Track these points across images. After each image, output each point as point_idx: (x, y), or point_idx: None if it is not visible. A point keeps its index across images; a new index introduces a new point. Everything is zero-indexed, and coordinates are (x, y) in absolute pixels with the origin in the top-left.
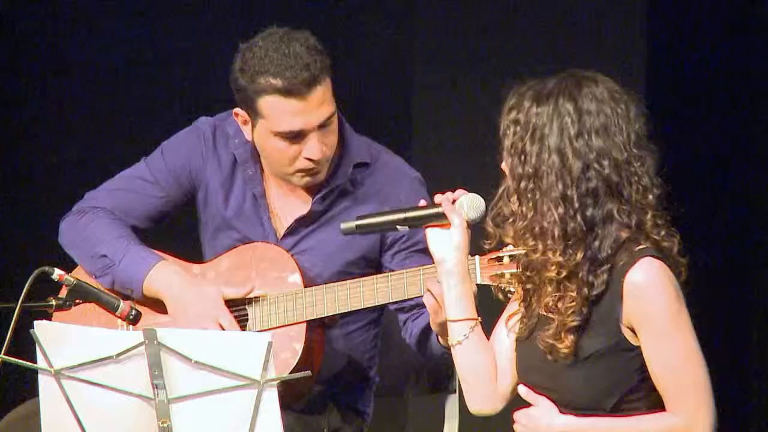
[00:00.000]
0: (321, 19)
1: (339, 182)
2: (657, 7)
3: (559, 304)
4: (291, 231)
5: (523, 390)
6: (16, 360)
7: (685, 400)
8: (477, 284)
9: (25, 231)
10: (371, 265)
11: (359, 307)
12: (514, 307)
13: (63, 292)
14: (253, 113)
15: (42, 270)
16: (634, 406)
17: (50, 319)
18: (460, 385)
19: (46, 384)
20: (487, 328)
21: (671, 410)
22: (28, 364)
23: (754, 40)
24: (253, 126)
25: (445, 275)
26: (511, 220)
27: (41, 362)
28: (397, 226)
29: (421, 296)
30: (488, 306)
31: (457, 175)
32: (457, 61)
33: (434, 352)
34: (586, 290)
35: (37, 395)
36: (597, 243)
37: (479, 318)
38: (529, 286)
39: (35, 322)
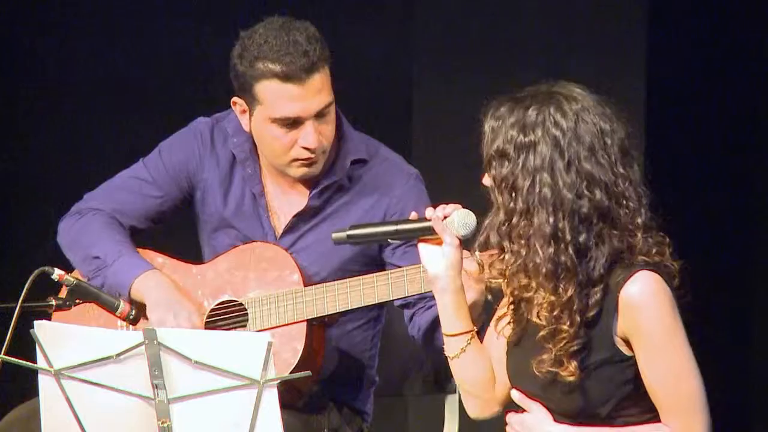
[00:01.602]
0: (321, 18)
1: (336, 178)
2: (657, 7)
3: (555, 336)
4: (289, 228)
5: (516, 395)
6: (16, 360)
7: (679, 412)
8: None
9: (25, 231)
10: (371, 261)
11: (360, 306)
12: (502, 309)
13: (63, 292)
14: (251, 99)
15: (42, 270)
16: (628, 413)
17: (50, 319)
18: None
19: (46, 384)
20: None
21: (665, 421)
22: (28, 364)
23: (755, 39)
24: (251, 114)
25: (439, 293)
26: (500, 256)
27: (41, 362)
28: (389, 239)
29: (422, 293)
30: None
31: (456, 174)
32: (457, 61)
33: (441, 346)
34: (578, 318)
35: (37, 395)
36: (591, 264)
37: (476, 327)
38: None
39: (35, 322)
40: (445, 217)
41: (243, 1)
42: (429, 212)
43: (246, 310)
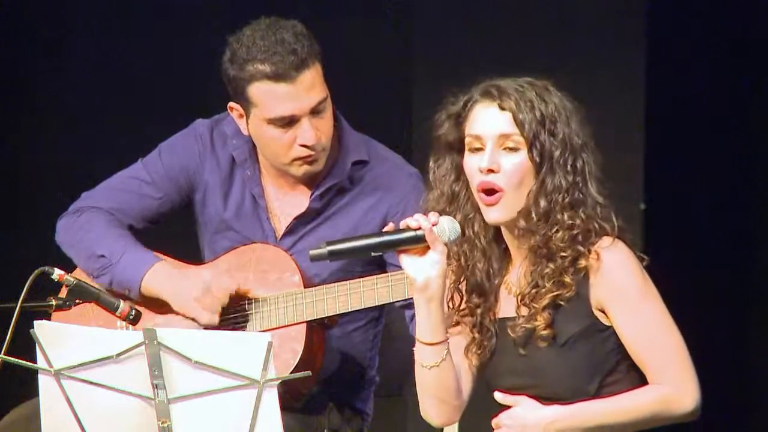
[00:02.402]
0: (320, 19)
1: (337, 180)
2: (657, 7)
3: (539, 280)
4: (290, 230)
5: (499, 395)
6: (16, 360)
7: (668, 367)
8: None
9: (25, 231)
10: (372, 262)
11: (359, 307)
12: (462, 340)
13: (63, 292)
14: (246, 103)
15: (42, 270)
16: (614, 388)
17: (50, 319)
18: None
19: (46, 384)
20: None
21: (655, 381)
22: (28, 364)
23: (755, 39)
24: (248, 117)
25: (426, 301)
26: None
27: (41, 362)
28: (372, 252)
29: None
30: None
31: None
32: (456, 61)
33: None
34: (560, 261)
35: (37, 395)
36: (578, 221)
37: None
38: (478, 309)
39: (35, 322)
40: (433, 225)
41: (243, 2)
42: (414, 221)
43: (246, 310)
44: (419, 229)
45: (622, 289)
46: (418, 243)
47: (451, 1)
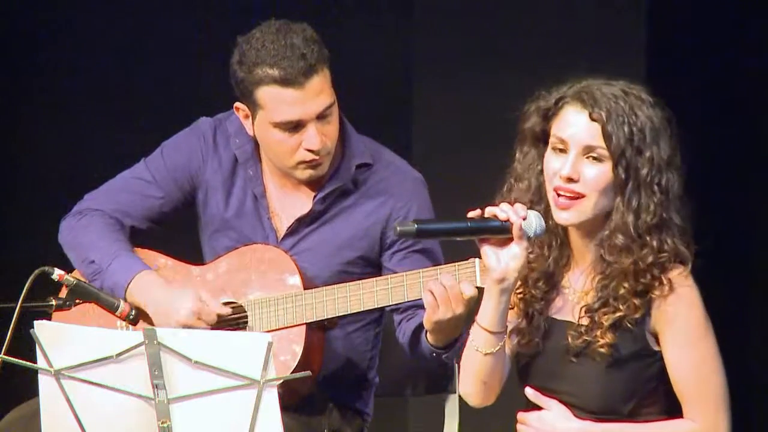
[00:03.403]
0: (320, 19)
1: (340, 182)
2: (657, 7)
3: (611, 300)
4: (291, 231)
5: (530, 392)
6: (16, 360)
7: (705, 407)
8: (477, 287)
9: (25, 231)
10: (370, 264)
11: (359, 310)
12: (512, 324)
13: (63, 292)
14: (252, 105)
15: (42, 270)
16: (649, 411)
17: (50, 319)
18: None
19: (46, 384)
20: None
21: (689, 416)
22: (28, 364)
23: (755, 39)
24: (253, 119)
25: (499, 293)
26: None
27: (41, 362)
28: (457, 237)
29: (415, 300)
30: None
31: (457, 174)
32: (457, 61)
33: (423, 351)
34: (636, 284)
35: (37, 395)
36: (666, 246)
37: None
38: (539, 300)
39: (35, 322)
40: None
41: (243, 2)
42: (503, 213)
43: (246, 312)
44: (507, 220)
45: (683, 322)
46: (504, 234)
47: (451, 1)
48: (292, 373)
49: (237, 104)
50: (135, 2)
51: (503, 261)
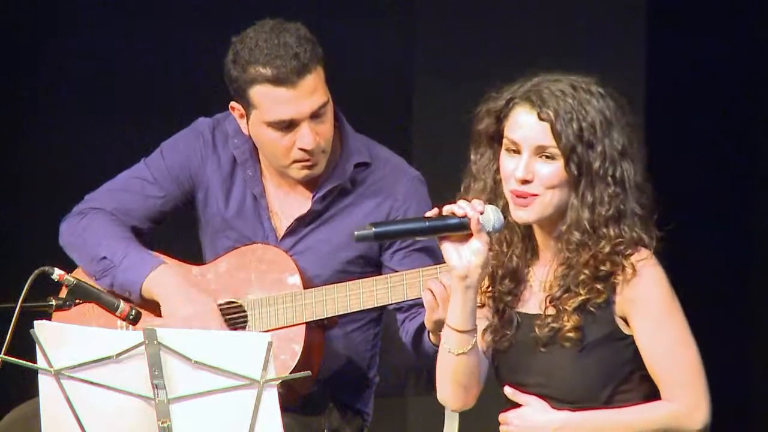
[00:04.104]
0: (321, 20)
1: (339, 182)
2: (656, 7)
3: (572, 286)
4: (291, 231)
5: (509, 391)
6: (16, 360)
7: (682, 385)
8: None
9: (25, 231)
10: (370, 264)
11: (358, 309)
12: (483, 323)
13: (63, 292)
14: (246, 104)
15: (42, 270)
16: (626, 397)
17: (50, 319)
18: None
19: (46, 384)
20: None
21: (668, 397)
22: (28, 364)
23: (755, 39)
24: (248, 118)
25: (464, 290)
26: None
27: (41, 362)
28: (416, 237)
29: (417, 299)
30: None
31: (457, 174)
32: (457, 61)
33: (426, 350)
34: (597, 271)
35: (37, 395)
36: (623, 234)
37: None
38: (507, 296)
39: (35, 322)
40: (480, 214)
41: (243, 2)
42: (460, 209)
43: (246, 311)
44: (464, 216)
45: (649, 302)
46: (463, 230)
47: (451, 1)
48: (291, 372)
49: (232, 104)
50: (135, 2)
51: (465, 257)
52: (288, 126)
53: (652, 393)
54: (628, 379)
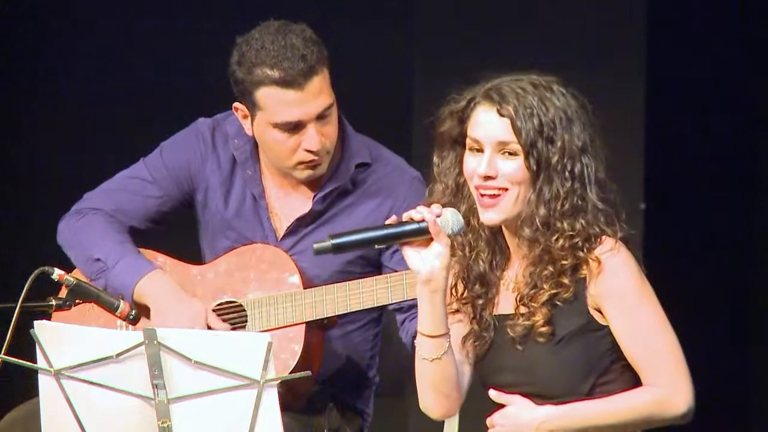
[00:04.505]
0: (321, 20)
1: (339, 182)
2: (656, 7)
3: (538, 282)
4: (291, 231)
5: (494, 393)
6: (16, 360)
7: (662, 369)
8: None
9: (25, 231)
10: (370, 264)
11: (358, 309)
12: (461, 329)
13: (63, 292)
14: (252, 106)
15: (42, 270)
16: (608, 389)
17: (50, 319)
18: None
19: (46, 384)
20: None
21: (649, 382)
22: (28, 364)
23: (755, 39)
24: (253, 119)
25: (430, 294)
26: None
27: (41, 362)
28: (376, 245)
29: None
30: None
31: None
32: (457, 61)
33: None
34: (560, 266)
35: (37, 395)
36: (578, 228)
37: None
38: (478, 300)
39: (35, 322)
40: (437, 216)
41: (244, 3)
42: (418, 213)
43: (245, 311)
44: (423, 221)
45: (620, 290)
46: (422, 235)
47: (451, 1)
48: (291, 371)
49: (236, 104)
50: (135, 3)
51: (428, 261)
52: (294, 128)
53: (634, 383)
54: (608, 369)
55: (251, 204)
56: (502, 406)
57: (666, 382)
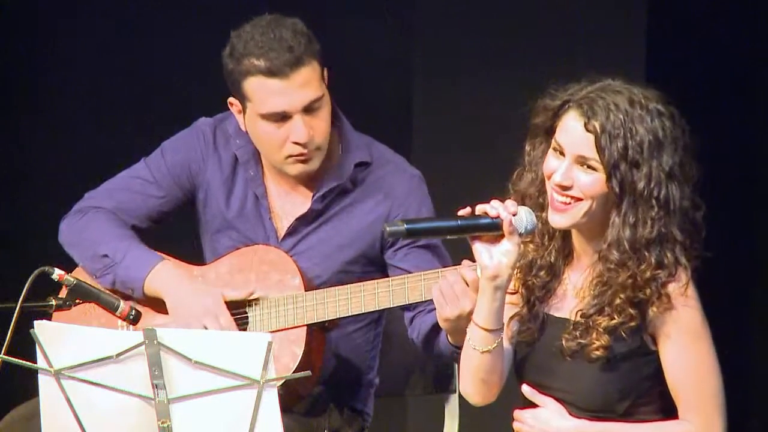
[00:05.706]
0: (321, 19)
1: (339, 181)
2: (656, 7)
3: (607, 308)
4: (291, 231)
5: (528, 390)
6: (16, 360)
7: (701, 409)
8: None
9: (25, 231)
10: (371, 263)
11: (360, 312)
12: (512, 310)
13: (63, 292)
14: (242, 97)
15: (42, 270)
16: (644, 410)
17: (50, 319)
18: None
19: (46, 384)
20: None
21: (685, 417)
22: (28, 364)
23: (755, 38)
24: (244, 112)
25: (493, 290)
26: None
27: (41, 362)
28: (447, 235)
29: (423, 301)
30: None
31: (457, 174)
32: (457, 61)
33: (442, 350)
34: (633, 295)
35: (37, 395)
36: (665, 260)
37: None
38: (540, 289)
39: (35, 322)
40: (513, 215)
41: (243, 2)
42: (493, 209)
43: (247, 313)
44: (497, 217)
45: (681, 327)
46: (495, 231)
47: (451, 1)
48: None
49: (230, 99)
50: (135, 2)
51: (496, 258)
52: (281, 119)
53: (669, 408)
54: (648, 392)
55: (253, 204)
56: (531, 402)
57: (701, 423)
